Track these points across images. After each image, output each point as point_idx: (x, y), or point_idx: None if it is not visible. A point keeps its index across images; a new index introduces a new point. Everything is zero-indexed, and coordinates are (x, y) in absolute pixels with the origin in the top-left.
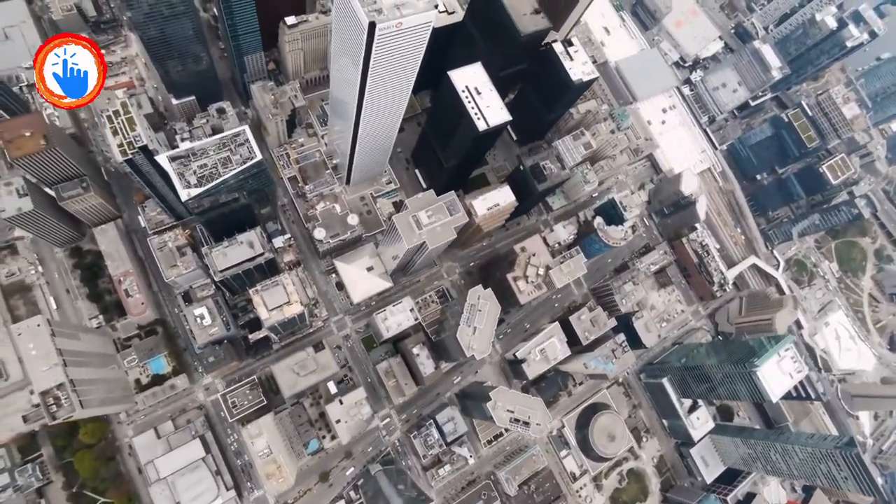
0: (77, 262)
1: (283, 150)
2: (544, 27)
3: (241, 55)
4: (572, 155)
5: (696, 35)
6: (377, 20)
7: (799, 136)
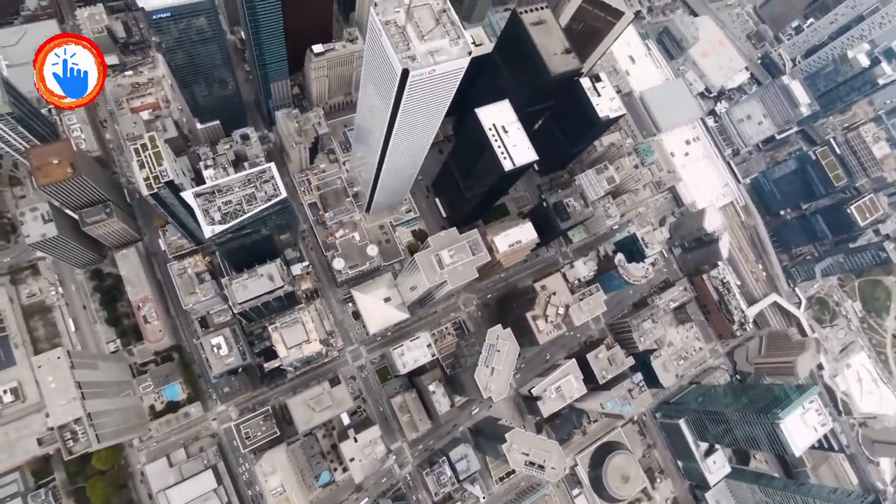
0: (97, 286)
1: (305, 176)
2: (575, 67)
3: (267, 82)
4: (595, 189)
5: (722, 66)
6: (410, 67)
7: (826, 175)
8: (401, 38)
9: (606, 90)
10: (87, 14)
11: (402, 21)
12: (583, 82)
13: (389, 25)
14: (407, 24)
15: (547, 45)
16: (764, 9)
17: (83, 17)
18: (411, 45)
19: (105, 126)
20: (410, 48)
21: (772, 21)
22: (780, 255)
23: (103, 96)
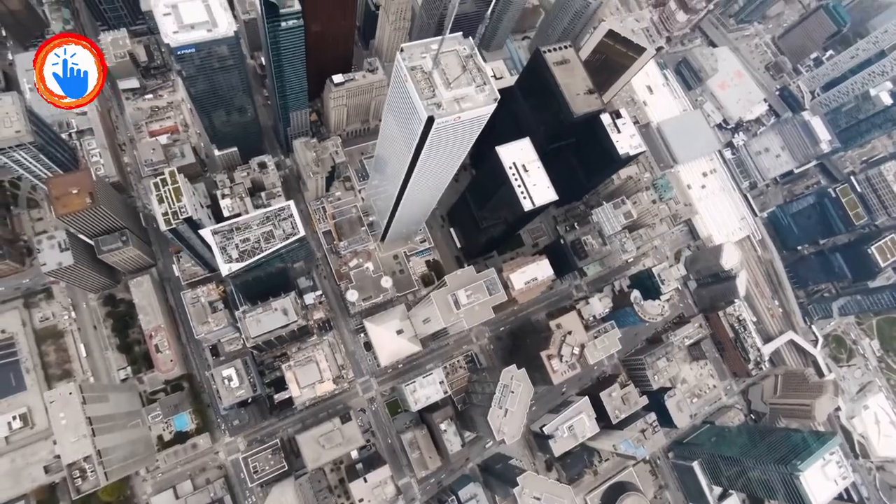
0: (110, 312)
1: (320, 204)
2: (597, 108)
3: (286, 111)
4: (612, 224)
5: (740, 98)
6: (436, 115)
7: (846, 212)
8: (427, 84)
9: (627, 126)
10: (110, 39)
11: (429, 67)
12: (603, 118)
13: (415, 71)
14: (433, 70)
15: (570, 86)
16: (783, 40)
17: (106, 42)
18: (437, 91)
19: (123, 150)
20: (436, 95)
21: (791, 52)
22: (796, 290)
23: (122, 120)
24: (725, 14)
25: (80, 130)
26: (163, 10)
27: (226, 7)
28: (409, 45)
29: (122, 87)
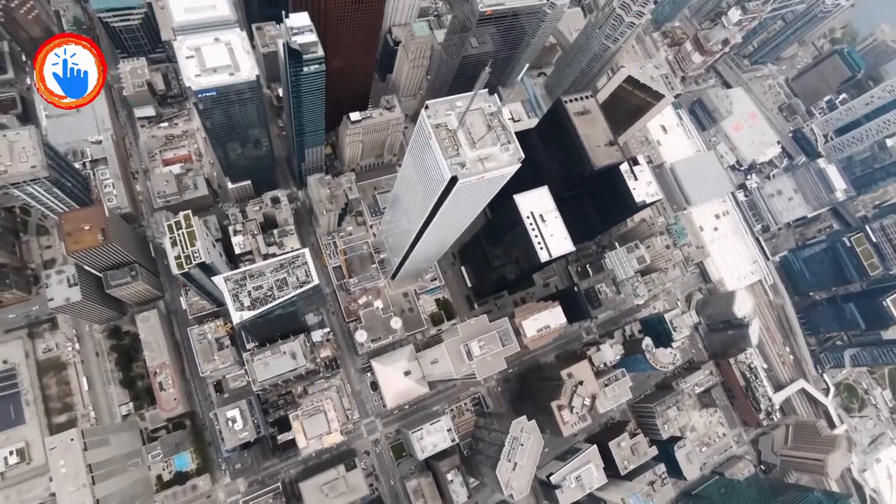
0: (114, 345)
1: (331, 239)
2: (617, 161)
3: (302, 148)
4: (625, 268)
5: (754, 140)
6: (460, 175)
7: (860, 261)
8: (451, 142)
9: (644, 174)
10: (129, 68)
11: (454, 125)
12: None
13: (440, 129)
14: (458, 129)
15: (591, 137)
16: (796, 82)
17: (125, 71)
18: (461, 150)
19: (136, 178)
20: (460, 154)
21: (804, 95)
22: (808, 337)
23: (136, 148)
24: (740, 55)
25: (94, 160)
26: (186, 53)
27: (248, 51)
28: (433, 102)
29: (139, 115)
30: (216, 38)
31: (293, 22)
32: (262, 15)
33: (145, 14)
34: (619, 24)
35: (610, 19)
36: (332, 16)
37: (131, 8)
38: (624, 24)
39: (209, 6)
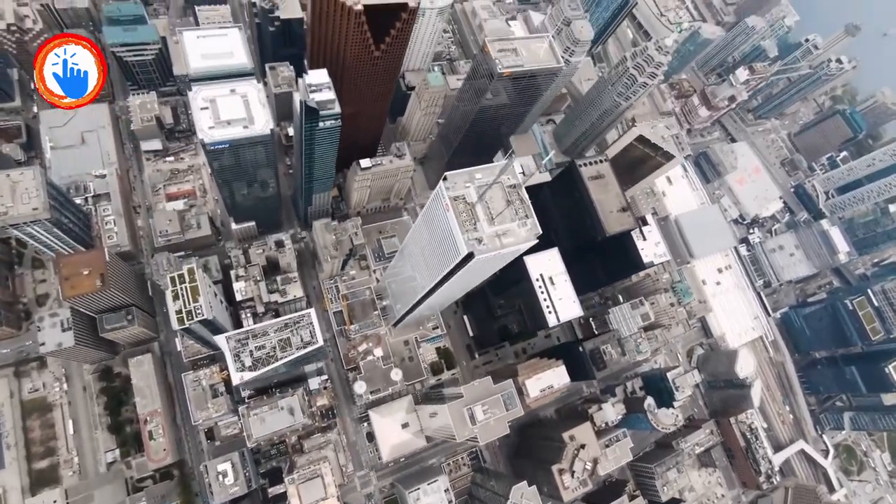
0: (105, 388)
1: (334, 283)
2: (629, 227)
3: (310, 193)
4: (629, 325)
5: (757, 195)
6: (476, 251)
7: (862, 325)
8: (469, 216)
9: (652, 234)
10: (138, 102)
11: (473, 198)
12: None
13: (458, 202)
14: (477, 203)
15: (604, 202)
16: (798, 138)
17: (135, 105)
18: (479, 225)
19: (138, 212)
20: (478, 230)
21: (806, 151)
22: (807, 396)
23: (140, 181)
24: (744, 109)
25: (96, 195)
26: (200, 104)
27: (264, 103)
28: (453, 174)
29: (145, 149)
30: (232, 89)
31: (312, 79)
32: (277, 55)
33: (159, 49)
34: (632, 84)
35: (623, 78)
36: (349, 68)
37: (146, 43)
38: (637, 84)
39: (226, 53)
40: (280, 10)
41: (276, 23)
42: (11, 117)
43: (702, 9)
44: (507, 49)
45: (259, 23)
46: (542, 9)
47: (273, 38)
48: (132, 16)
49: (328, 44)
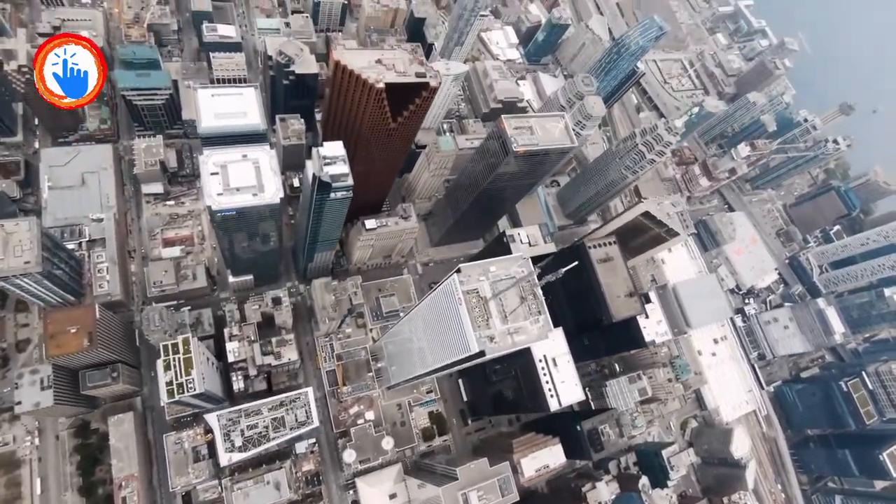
0: (80, 445)
1: (329, 341)
2: (636, 312)
3: (313, 252)
4: (626, 399)
5: (754, 266)
6: (487, 349)
7: (857, 408)
8: (481, 312)
9: (655, 312)
10: (144, 146)
11: (486, 293)
12: None
13: (471, 296)
14: (491, 300)
15: (612, 286)
16: (794, 209)
17: (140, 148)
18: (491, 322)
19: (132, 257)
20: (490, 326)
21: (801, 223)
22: (799, 475)
23: (137, 224)
24: (742, 179)
25: (91, 240)
26: (210, 169)
27: (276, 171)
28: (466, 267)
29: (146, 192)
30: (244, 154)
31: (327, 151)
32: (288, 106)
33: (170, 95)
34: (640, 160)
35: (632, 153)
36: (364, 136)
37: (157, 89)
38: (645, 160)
39: (240, 112)
40: (296, 66)
41: (291, 77)
42: (12, 152)
43: (703, 78)
44: (522, 127)
45: (273, 75)
46: (550, 70)
47: (286, 90)
48: (147, 60)
49: (345, 113)
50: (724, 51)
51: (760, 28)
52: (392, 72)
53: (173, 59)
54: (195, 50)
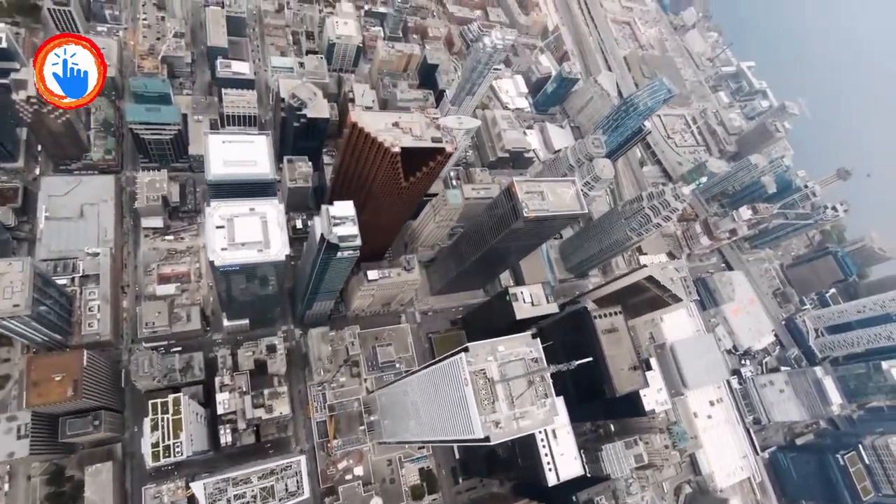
0: (51, 494)
1: (322, 390)
2: (639, 387)
3: (313, 301)
4: (622, 465)
5: (751, 327)
6: (492, 434)
7: (853, 482)
8: (487, 394)
9: (655, 379)
10: (147, 180)
11: (494, 375)
12: None
13: (478, 377)
14: (499, 384)
15: (616, 358)
16: (791, 271)
17: (143, 182)
18: (497, 405)
19: (125, 292)
20: (496, 410)
21: (797, 284)
22: None
23: (133, 258)
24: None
25: (85, 275)
26: (217, 222)
27: (283, 226)
28: (475, 346)
29: (145, 226)
30: (252, 208)
31: (336, 211)
32: (296, 146)
33: (178, 131)
34: (645, 222)
35: (638, 216)
36: (374, 192)
37: (166, 124)
38: (651, 224)
39: (250, 161)
40: (308, 109)
41: (302, 119)
42: (10, 177)
43: (706, 135)
44: (533, 192)
45: (285, 117)
46: (558, 120)
47: (295, 131)
48: (158, 93)
49: (357, 170)
50: (726, 109)
51: (761, 89)
52: (409, 135)
53: (184, 92)
54: (207, 83)
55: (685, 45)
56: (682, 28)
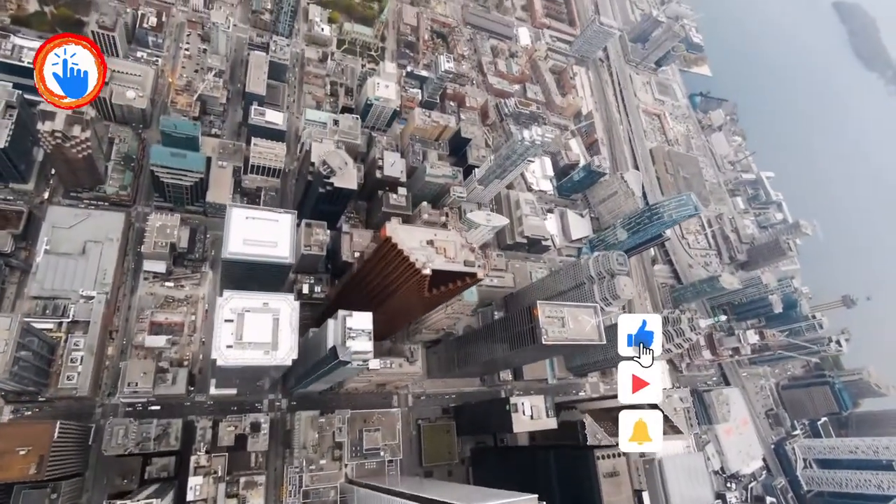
0: None
1: (298, 472)
2: None
3: (308, 385)
4: None
5: (741, 450)
6: None
7: None
8: None
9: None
10: (158, 224)
11: None
12: None
13: None
14: None
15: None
16: (786, 392)
17: (153, 226)
18: None
19: (112, 339)
20: None
21: (791, 406)
22: None
23: (127, 301)
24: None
25: (74, 321)
26: (227, 315)
27: (294, 326)
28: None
29: (146, 269)
30: (265, 302)
31: (353, 323)
32: (316, 212)
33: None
34: None
35: None
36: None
37: (189, 171)
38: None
39: (270, 242)
40: (336, 178)
41: (329, 187)
42: (17, 196)
43: (718, 239)
44: (554, 317)
45: (310, 181)
46: (579, 208)
47: (319, 195)
48: (186, 136)
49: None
50: (741, 215)
51: (777, 201)
52: (442, 256)
53: (213, 131)
54: (237, 124)
55: (710, 146)
56: (708, 128)
